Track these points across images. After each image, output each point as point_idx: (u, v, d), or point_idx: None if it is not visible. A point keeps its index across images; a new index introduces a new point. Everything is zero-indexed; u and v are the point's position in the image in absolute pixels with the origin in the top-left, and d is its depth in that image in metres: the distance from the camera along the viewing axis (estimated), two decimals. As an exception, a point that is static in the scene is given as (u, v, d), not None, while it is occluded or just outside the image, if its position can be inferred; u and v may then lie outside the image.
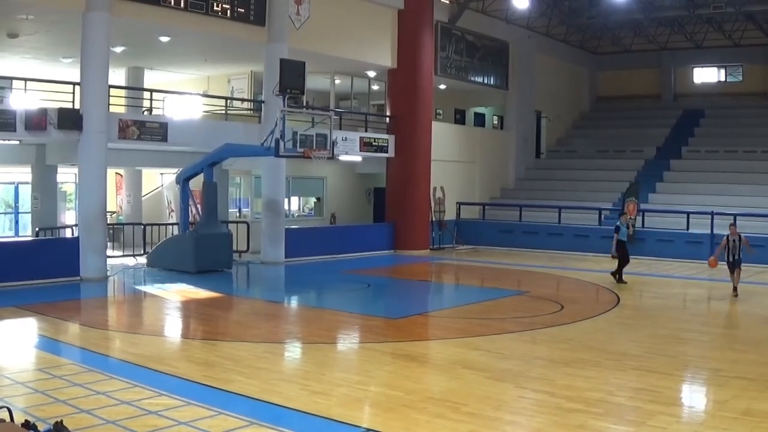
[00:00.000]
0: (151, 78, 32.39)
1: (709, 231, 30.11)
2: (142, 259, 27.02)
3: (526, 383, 12.02)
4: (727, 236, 22.14)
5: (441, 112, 39.74)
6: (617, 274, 24.29)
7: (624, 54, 46.15)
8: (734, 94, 44.00)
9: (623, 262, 24.29)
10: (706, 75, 46.38)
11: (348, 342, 16.11)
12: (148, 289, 22.41)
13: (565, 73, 45.09)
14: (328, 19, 28.92)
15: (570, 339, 15.46)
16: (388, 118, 33.12)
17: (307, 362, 13.99)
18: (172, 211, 32.34)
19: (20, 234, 34.86)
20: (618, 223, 24.78)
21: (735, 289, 21.74)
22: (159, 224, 30.16)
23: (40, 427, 6.60)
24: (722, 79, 46.00)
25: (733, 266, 21.90)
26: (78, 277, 22.46)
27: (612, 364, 13.27)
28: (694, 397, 12.29)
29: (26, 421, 6.53)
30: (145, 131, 24.55)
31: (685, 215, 31.38)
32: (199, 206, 26.33)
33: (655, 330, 16.85)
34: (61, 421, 6.36)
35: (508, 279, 25.88)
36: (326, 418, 10.05)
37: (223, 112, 29.03)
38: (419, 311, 19.83)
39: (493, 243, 34.61)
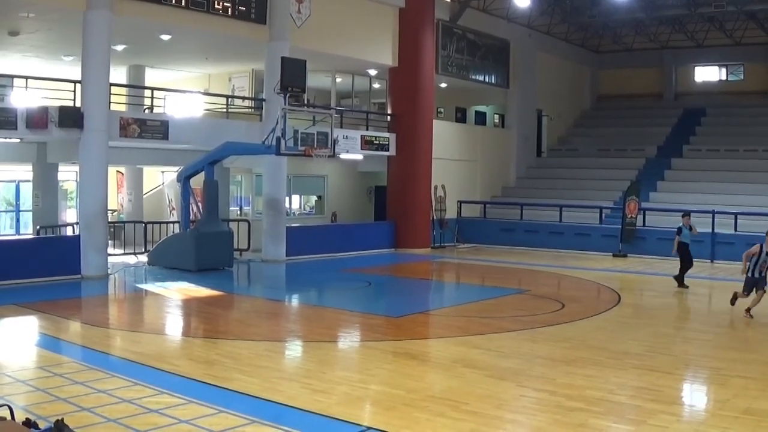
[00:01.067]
0: (152, 76, 32.38)
1: (710, 230, 30.09)
2: (143, 258, 27.04)
3: (526, 382, 12.02)
4: (762, 245, 17.97)
5: (442, 110, 39.75)
6: (680, 278, 23.16)
7: (625, 53, 46.19)
8: (735, 93, 44.02)
9: (686, 264, 23.25)
10: (707, 74, 46.40)
11: (349, 340, 16.10)
12: (149, 287, 22.42)
13: (566, 71, 45.08)
14: (329, 17, 28.94)
15: (571, 338, 15.46)
16: (389, 117, 33.12)
17: (308, 361, 13.98)
18: (173, 209, 32.35)
19: (21, 232, 34.93)
20: (680, 224, 23.69)
21: (748, 310, 18.22)
22: (160, 222, 30.21)
23: (41, 425, 6.60)
24: (723, 77, 46.05)
25: (754, 284, 18.24)
26: (79, 275, 22.47)
27: (613, 363, 13.25)
28: (695, 396, 12.28)
29: (27, 419, 6.53)
30: (146, 129, 24.55)
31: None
32: (200, 204, 26.34)
33: (656, 329, 16.84)
34: (62, 420, 6.35)
35: (509, 277, 25.89)
36: (327, 416, 10.04)
37: (225, 110, 29.01)
38: (420, 310, 19.85)
39: (494, 241, 34.61)
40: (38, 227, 27.88)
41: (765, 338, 16.81)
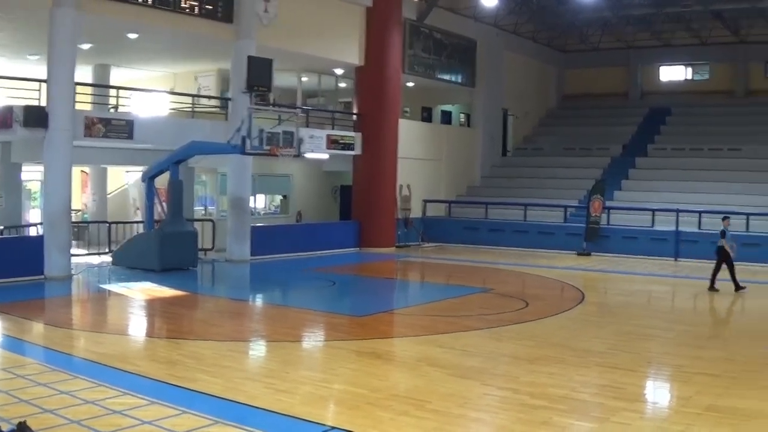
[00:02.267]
0: (118, 75, 32.18)
1: (674, 228, 30.35)
2: (107, 258, 26.88)
3: (490, 380, 12.09)
4: None
5: (408, 109, 39.77)
6: (734, 281, 22.06)
7: (591, 52, 46.29)
8: (701, 93, 44.24)
9: (731, 266, 22.14)
10: (673, 73, 46.56)
11: (313, 340, 16.09)
12: (113, 287, 22.25)
13: (532, 71, 45.22)
14: (296, 16, 28.84)
15: (534, 336, 15.56)
16: (355, 116, 33.11)
17: (271, 360, 13.99)
18: (138, 209, 32.18)
19: (-16, 232, 34.60)
20: (722, 228, 22.62)
21: None
22: (124, 222, 29.99)
23: (4, 427, 6.60)
24: (689, 77, 46.22)
25: None
26: (42, 276, 22.26)
27: (576, 361, 13.35)
28: (657, 393, 12.40)
29: (-12, 421, 6.51)
30: (111, 129, 24.37)
31: (651, 212, 31.60)
32: (164, 204, 26.22)
33: (619, 327, 16.98)
34: (25, 421, 6.36)
35: (473, 276, 25.95)
36: (290, 416, 10.03)
37: (190, 109, 28.90)
38: (384, 309, 19.90)
39: (458, 240, 34.70)
40: (1, 227, 27.63)
41: (728, 335, 17.02)
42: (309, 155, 29.51)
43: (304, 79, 33.99)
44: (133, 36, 26.22)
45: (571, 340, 15.27)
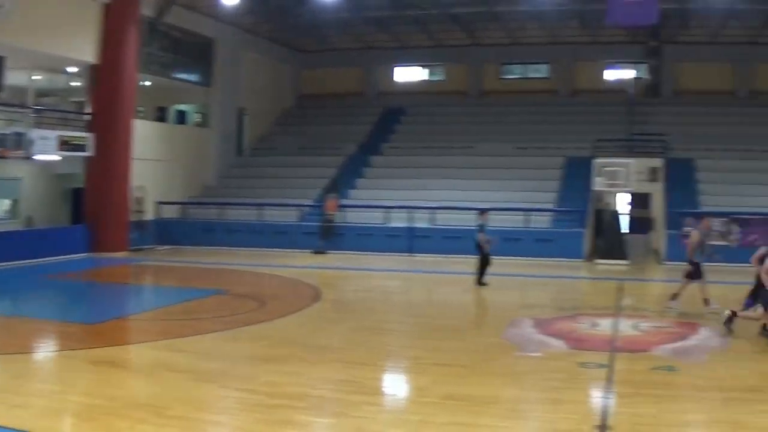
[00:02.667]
0: None
1: (407, 224, 31.14)
2: None
3: (229, 382, 12.02)
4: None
5: (142, 109, 38.94)
6: (479, 275, 22.38)
7: (330, 52, 46.76)
8: (437, 93, 45.58)
9: (486, 262, 22.49)
10: (409, 74, 47.65)
11: (45, 351, 15.41)
12: None
13: (270, 70, 45.23)
14: (29, 11, 27.48)
15: (271, 335, 15.62)
16: (88, 116, 32.07)
17: (2, 374, 13.26)
18: None
19: None
20: (480, 222, 22.85)
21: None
22: None
23: None
24: (425, 78, 47.51)
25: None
26: None
27: (314, 358, 13.47)
28: (395, 385, 12.75)
29: None
30: None
31: (384, 210, 32.27)
32: None
33: (356, 322, 17.30)
34: None
35: (208, 278, 25.67)
36: (26, 432, 9.64)
37: None
38: (118, 315, 19.25)
39: (194, 242, 34.14)
40: None
41: (461, 326, 17.63)
42: (39, 157, 28.43)
43: (36, 77, 32.65)
44: None
45: (308, 338, 15.42)
